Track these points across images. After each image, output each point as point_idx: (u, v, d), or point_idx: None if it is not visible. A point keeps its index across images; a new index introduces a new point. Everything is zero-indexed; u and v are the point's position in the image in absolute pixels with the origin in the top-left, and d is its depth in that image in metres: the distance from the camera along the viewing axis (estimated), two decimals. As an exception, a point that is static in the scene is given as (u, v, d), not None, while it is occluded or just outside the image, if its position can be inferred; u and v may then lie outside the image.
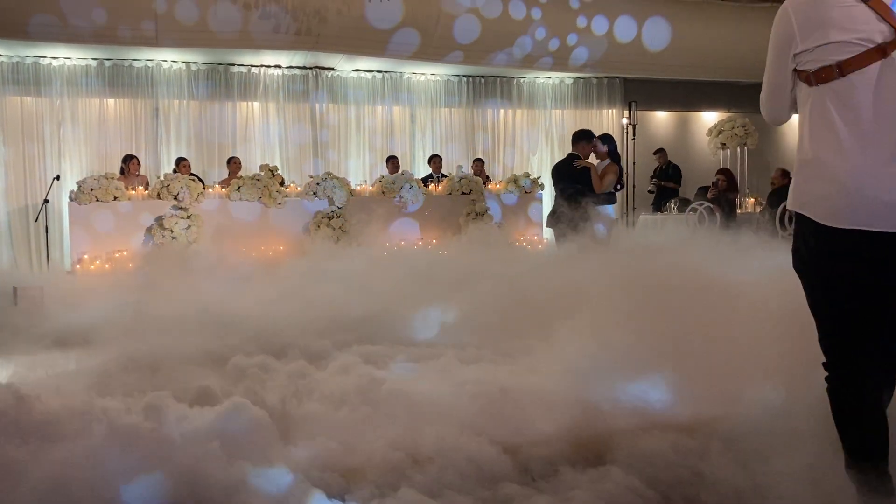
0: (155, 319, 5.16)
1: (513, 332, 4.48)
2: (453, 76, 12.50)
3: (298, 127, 11.74)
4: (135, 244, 8.13)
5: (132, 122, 10.98)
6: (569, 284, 4.65)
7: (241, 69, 11.37)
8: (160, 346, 4.44)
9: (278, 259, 8.45)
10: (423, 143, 12.47)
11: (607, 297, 3.88)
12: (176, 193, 8.28)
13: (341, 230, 8.78)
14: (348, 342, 4.66)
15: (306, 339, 4.66)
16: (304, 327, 4.91)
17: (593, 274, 4.57)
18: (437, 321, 4.97)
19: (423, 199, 9.20)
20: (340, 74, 11.88)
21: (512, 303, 4.91)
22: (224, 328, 4.92)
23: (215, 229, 8.39)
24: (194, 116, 11.21)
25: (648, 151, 12.97)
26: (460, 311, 5.02)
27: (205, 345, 4.52)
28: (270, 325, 5.03)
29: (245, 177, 8.79)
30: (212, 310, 5.32)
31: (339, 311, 5.28)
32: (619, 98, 13.22)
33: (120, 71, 10.80)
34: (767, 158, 13.13)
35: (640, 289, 3.78)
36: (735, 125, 12.31)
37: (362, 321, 5.07)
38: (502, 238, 9.02)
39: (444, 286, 5.48)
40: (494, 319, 4.75)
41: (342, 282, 6.04)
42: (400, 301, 5.32)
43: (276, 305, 5.60)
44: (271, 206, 8.68)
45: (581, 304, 4.02)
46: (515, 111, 13.00)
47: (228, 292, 5.99)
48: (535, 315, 4.47)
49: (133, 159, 9.49)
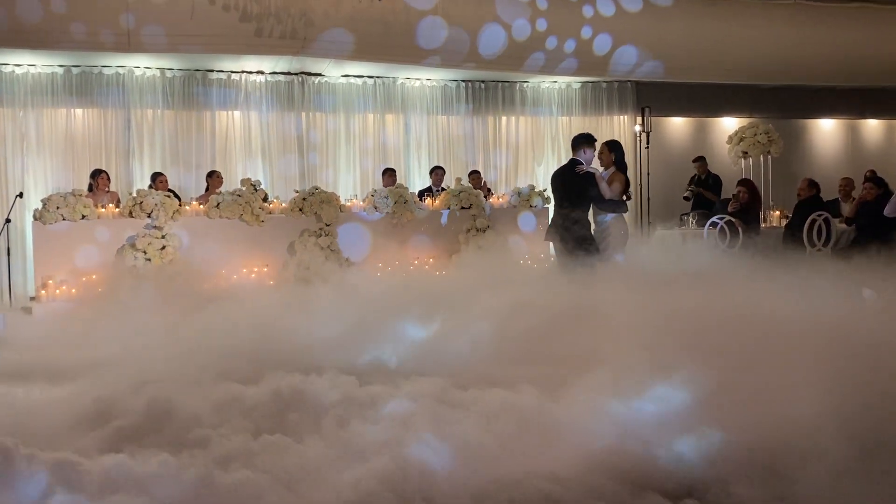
0: (120, 353, 5.16)
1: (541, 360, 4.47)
2: (451, 81, 12.58)
3: (283, 138, 11.78)
4: (105, 267, 8.12)
5: (102, 134, 11.01)
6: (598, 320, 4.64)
7: (220, 76, 11.43)
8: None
9: (262, 281, 8.47)
10: (419, 153, 12.52)
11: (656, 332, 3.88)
12: (150, 211, 8.29)
13: (330, 249, 8.78)
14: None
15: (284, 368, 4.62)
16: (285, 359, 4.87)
17: (623, 306, 4.56)
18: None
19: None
20: (328, 80, 11.95)
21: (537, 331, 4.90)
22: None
23: (192, 250, 8.39)
24: (169, 127, 11.25)
25: (663, 160, 13.02)
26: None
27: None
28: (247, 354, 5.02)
29: (225, 193, 8.81)
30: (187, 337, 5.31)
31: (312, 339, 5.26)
32: (630, 103, 13.30)
33: (88, 79, 10.85)
34: (793, 168, 13.18)
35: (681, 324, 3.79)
36: (758, 132, 12.34)
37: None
38: (506, 255, 9.03)
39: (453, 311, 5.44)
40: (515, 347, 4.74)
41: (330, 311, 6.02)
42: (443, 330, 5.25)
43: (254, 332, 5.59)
44: (254, 224, 8.69)
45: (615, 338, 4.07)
46: (519, 118, 13.07)
47: (206, 319, 5.98)
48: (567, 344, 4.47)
49: (102, 174, 9.50)
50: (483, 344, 4.92)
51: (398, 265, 8.87)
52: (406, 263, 8.95)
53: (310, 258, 8.64)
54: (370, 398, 3.99)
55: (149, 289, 7.15)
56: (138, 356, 5.00)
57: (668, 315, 4.16)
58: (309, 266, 8.62)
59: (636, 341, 3.82)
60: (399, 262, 8.90)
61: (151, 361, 4.81)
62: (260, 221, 8.73)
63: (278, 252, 8.79)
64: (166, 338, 5.49)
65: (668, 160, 13.25)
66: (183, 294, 7.09)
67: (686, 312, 4.13)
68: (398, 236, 9.20)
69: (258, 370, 4.52)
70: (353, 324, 5.47)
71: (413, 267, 9.02)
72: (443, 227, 9.48)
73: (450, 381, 4.26)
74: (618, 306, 4.64)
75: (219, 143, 11.50)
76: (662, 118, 13.53)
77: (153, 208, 8.29)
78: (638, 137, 12.83)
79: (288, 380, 4.23)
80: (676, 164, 13.04)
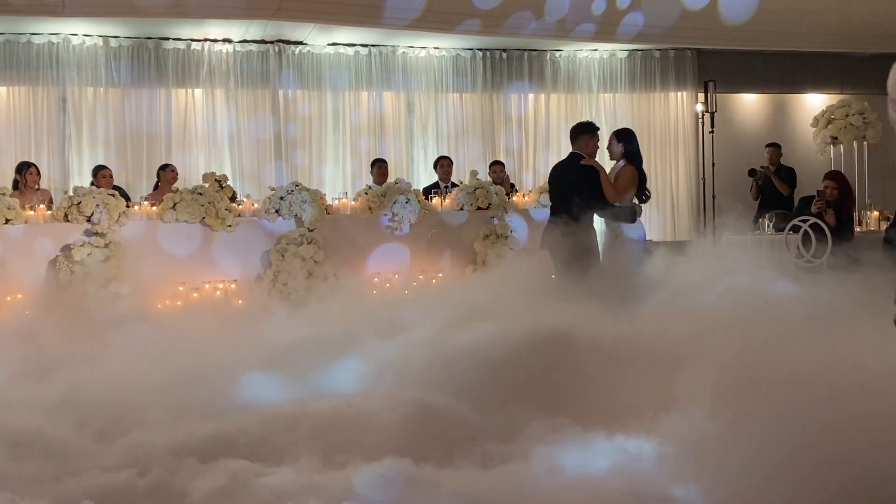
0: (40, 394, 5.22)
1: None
2: (464, 50, 12.61)
3: (256, 122, 11.84)
4: (34, 283, 8.15)
5: (30, 118, 11.11)
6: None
7: (177, 45, 11.50)
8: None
9: (228, 300, 8.49)
10: (425, 140, 12.56)
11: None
12: (90, 214, 8.33)
13: (313, 260, 8.81)
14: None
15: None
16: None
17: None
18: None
19: (419, 216, 9.21)
20: (312, 50, 12.00)
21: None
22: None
23: (142, 261, 8.42)
24: (115, 109, 11.33)
25: (731, 148, 12.98)
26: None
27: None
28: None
29: (183, 190, 8.84)
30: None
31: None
32: (690, 77, 13.29)
33: (14, 50, 10.94)
34: (895, 157, 13.13)
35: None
36: (850, 112, 12.31)
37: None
38: (537, 270, 9.00)
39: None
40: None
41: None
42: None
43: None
44: (219, 230, 8.72)
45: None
46: (550, 96, 13.09)
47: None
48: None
49: (31, 168, 9.54)
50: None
51: (397, 279, 8.87)
52: (409, 277, 8.95)
53: (289, 272, 8.67)
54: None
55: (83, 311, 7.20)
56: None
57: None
58: (287, 282, 8.65)
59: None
60: (399, 276, 8.90)
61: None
62: (227, 226, 8.75)
63: (250, 264, 8.81)
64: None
65: (737, 147, 13.21)
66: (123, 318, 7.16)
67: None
68: (397, 244, 9.21)
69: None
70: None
71: (417, 283, 9.03)
72: (453, 232, 9.46)
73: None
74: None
75: (176, 129, 11.56)
76: (730, 95, 13.51)
77: (94, 210, 8.33)
78: (699, 119, 12.81)
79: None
80: (748, 152, 12.97)
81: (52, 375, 5.74)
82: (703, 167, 12.79)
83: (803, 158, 12.95)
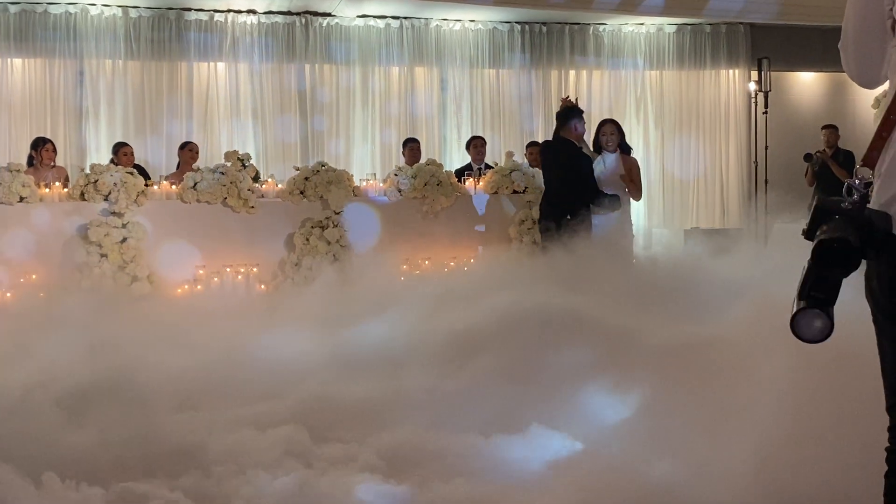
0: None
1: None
2: (502, 24, 12.60)
3: (281, 97, 11.92)
4: (49, 265, 8.28)
5: (46, 92, 11.24)
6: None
7: (199, 16, 11.59)
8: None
9: (250, 285, 8.58)
10: (459, 119, 12.57)
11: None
12: (107, 193, 8.42)
13: (339, 244, 8.87)
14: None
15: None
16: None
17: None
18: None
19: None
20: (340, 22, 12.05)
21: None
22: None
23: (161, 243, 8.53)
24: (134, 83, 11.44)
25: (785, 129, 12.87)
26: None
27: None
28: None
29: (204, 169, 8.93)
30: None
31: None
32: (743, 53, 13.20)
33: (30, 21, 11.06)
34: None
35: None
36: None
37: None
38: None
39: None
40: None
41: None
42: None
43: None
44: (241, 211, 8.80)
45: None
46: (592, 73, 13.05)
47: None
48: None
49: (47, 144, 9.65)
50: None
51: (427, 265, 8.91)
52: (439, 263, 8.99)
53: (313, 256, 8.74)
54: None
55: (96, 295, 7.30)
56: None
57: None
58: (312, 266, 8.72)
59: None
60: (430, 261, 8.94)
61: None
62: (249, 207, 8.83)
63: (273, 247, 8.90)
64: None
65: (792, 129, 13.10)
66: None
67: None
68: (425, 227, 9.25)
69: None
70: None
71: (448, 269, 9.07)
72: (487, 216, 9.49)
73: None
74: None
75: (197, 104, 11.67)
76: (786, 73, 13.38)
77: (111, 189, 8.42)
78: (752, 99, 12.72)
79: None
80: (805, 134, 12.86)
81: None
82: (756, 150, 12.71)
83: (864, 142, 12.80)
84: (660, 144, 13.08)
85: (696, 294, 6.13)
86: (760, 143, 12.59)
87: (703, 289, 6.25)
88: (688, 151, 13.14)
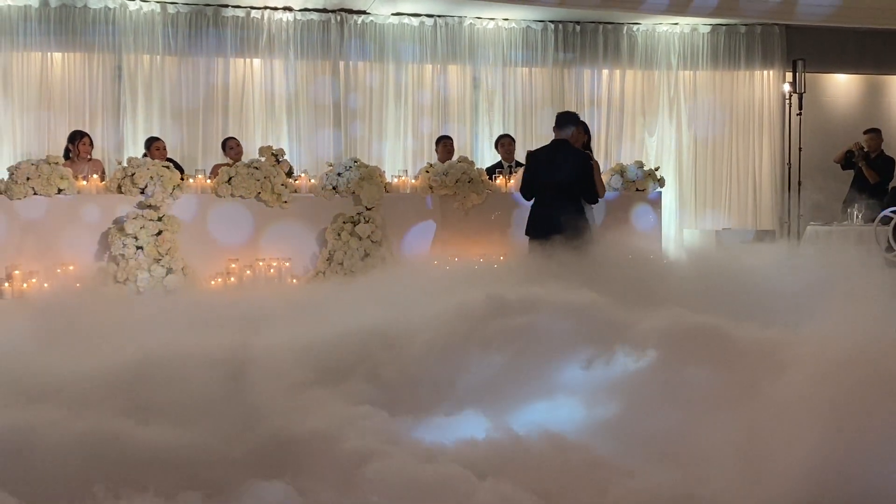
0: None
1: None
2: (535, 22, 12.63)
3: (315, 94, 12.02)
4: (85, 255, 8.42)
5: (84, 86, 11.39)
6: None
7: (236, 13, 11.71)
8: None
9: (282, 278, 8.70)
10: (491, 117, 12.63)
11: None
12: (143, 186, 8.57)
13: (370, 240, 8.96)
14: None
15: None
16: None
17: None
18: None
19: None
20: (375, 20, 12.15)
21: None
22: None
23: (195, 236, 8.67)
24: (171, 78, 11.58)
25: (820, 131, 12.82)
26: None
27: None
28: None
29: (239, 165, 9.05)
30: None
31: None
32: (778, 55, 13.15)
33: (70, 15, 11.22)
34: None
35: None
36: (952, 95, 12.09)
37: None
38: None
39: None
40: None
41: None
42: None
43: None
44: (274, 206, 8.92)
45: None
46: (626, 72, 13.06)
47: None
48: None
49: (84, 137, 9.77)
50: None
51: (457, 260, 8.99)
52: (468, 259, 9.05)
53: (345, 252, 8.85)
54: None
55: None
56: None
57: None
58: (343, 261, 8.83)
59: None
60: (458, 257, 9.02)
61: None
62: (282, 202, 8.94)
63: (305, 242, 9.02)
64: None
65: (826, 131, 13.03)
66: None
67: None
68: (457, 225, 9.34)
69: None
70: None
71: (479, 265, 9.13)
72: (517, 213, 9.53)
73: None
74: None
75: (233, 100, 11.80)
76: (821, 74, 13.32)
77: (148, 182, 8.57)
78: (787, 100, 12.69)
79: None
80: (840, 137, 12.76)
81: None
82: (790, 152, 12.68)
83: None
84: (692, 145, 13.06)
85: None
86: (794, 144, 12.55)
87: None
88: (721, 152, 13.11)
